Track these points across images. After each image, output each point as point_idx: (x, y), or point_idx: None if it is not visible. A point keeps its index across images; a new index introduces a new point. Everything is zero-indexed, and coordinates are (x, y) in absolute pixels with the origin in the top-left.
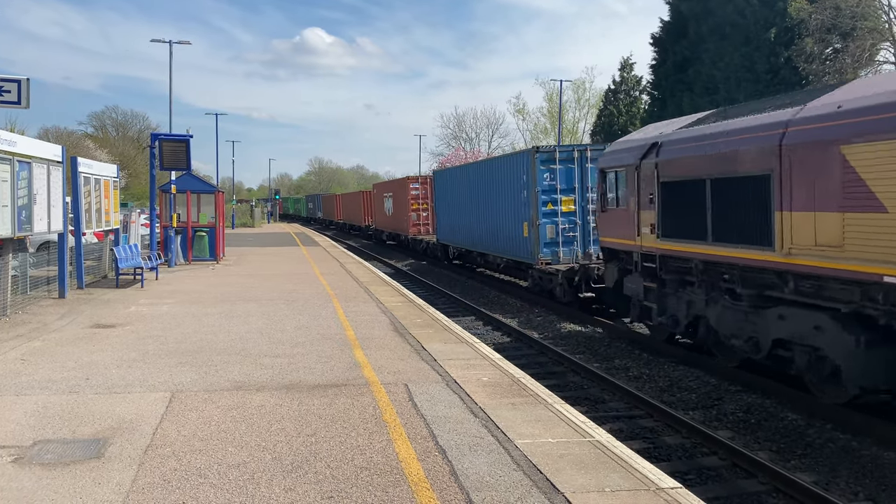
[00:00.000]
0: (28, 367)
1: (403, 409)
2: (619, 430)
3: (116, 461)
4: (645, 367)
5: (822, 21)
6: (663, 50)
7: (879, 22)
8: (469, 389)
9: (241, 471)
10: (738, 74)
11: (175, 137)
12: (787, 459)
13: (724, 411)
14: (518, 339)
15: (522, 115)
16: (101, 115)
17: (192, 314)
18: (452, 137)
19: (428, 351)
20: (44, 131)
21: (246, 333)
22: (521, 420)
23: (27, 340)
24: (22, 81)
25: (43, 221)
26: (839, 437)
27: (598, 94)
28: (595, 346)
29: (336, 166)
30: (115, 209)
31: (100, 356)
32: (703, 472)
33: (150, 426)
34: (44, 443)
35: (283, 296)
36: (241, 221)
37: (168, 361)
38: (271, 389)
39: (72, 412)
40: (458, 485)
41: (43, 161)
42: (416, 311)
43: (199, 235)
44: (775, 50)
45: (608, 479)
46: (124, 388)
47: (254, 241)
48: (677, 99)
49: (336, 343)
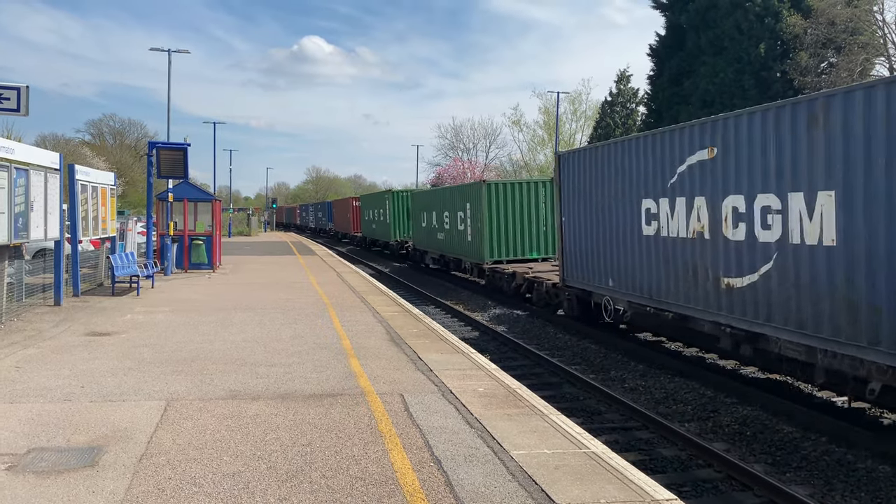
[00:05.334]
0: (23, 375)
1: (399, 419)
2: (614, 441)
3: (111, 469)
4: (641, 378)
5: (816, 35)
6: (660, 62)
7: (874, 37)
8: (465, 400)
9: (235, 480)
10: (732, 90)
11: (172, 146)
12: (783, 472)
13: (719, 423)
14: (502, 342)
15: (519, 126)
16: (98, 123)
17: (187, 323)
18: (450, 148)
19: (424, 361)
20: (41, 138)
21: (242, 342)
22: (516, 431)
23: (22, 348)
24: (21, 89)
25: (39, 229)
26: (834, 451)
27: (595, 106)
28: (591, 358)
29: (333, 175)
30: (111, 217)
31: (95, 364)
32: (699, 484)
33: (144, 434)
34: (38, 451)
35: (279, 304)
36: (238, 230)
37: (163, 370)
38: (267, 398)
39: (66, 420)
40: (453, 495)
41: (40, 168)
42: (413, 321)
43: (196, 244)
44: (767, 64)
45: (604, 491)
46: (119, 396)
47: (250, 249)
48: (674, 111)
49: (332, 352)
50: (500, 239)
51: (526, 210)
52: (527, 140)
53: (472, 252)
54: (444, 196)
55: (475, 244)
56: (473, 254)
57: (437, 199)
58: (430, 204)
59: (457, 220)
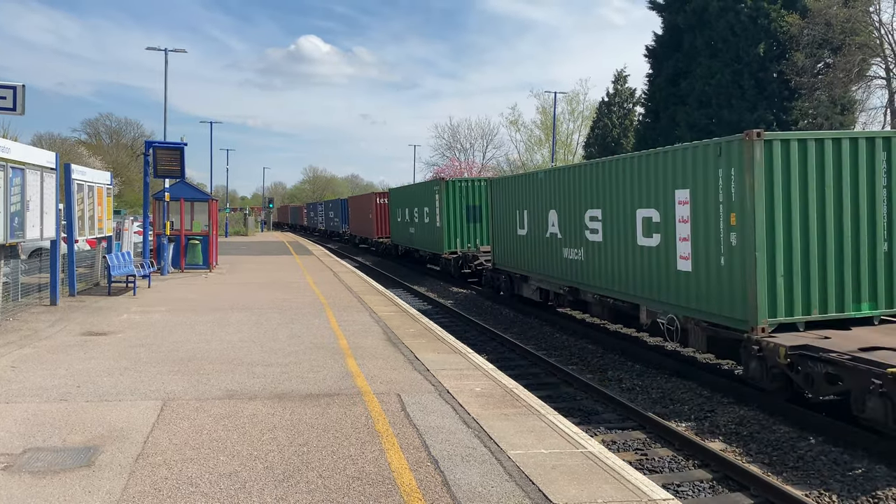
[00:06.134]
0: (19, 375)
1: (396, 419)
2: (611, 441)
3: (107, 469)
4: (638, 378)
5: (813, 36)
6: (658, 63)
7: (870, 38)
8: (462, 400)
9: (232, 480)
10: (729, 91)
11: (169, 145)
12: (779, 472)
13: (716, 423)
14: (501, 342)
15: (516, 127)
16: (95, 123)
17: (184, 322)
18: (447, 148)
19: (421, 361)
20: (37, 138)
21: (238, 342)
22: (513, 431)
23: (18, 347)
24: (18, 88)
25: (35, 228)
26: (831, 450)
27: (592, 107)
28: (588, 358)
29: (330, 175)
30: (108, 216)
31: (91, 364)
32: (696, 484)
33: (141, 434)
34: (34, 451)
35: (276, 304)
36: (235, 230)
37: (160, 369)
38: (263, 398)
39: (62, 420)
40: (450, 495)
41: (36, 168)
42: (410, 321)
43: (193, 243)
44: (764, 65)
45: (600, 491)
46: (115, 395)
47: (247, 249)
48: (671, 112)
49: (329, 352)
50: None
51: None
52: (524, 140)
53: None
54: (593, 175)
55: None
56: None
57: (575, 183)
58: (538, 196)
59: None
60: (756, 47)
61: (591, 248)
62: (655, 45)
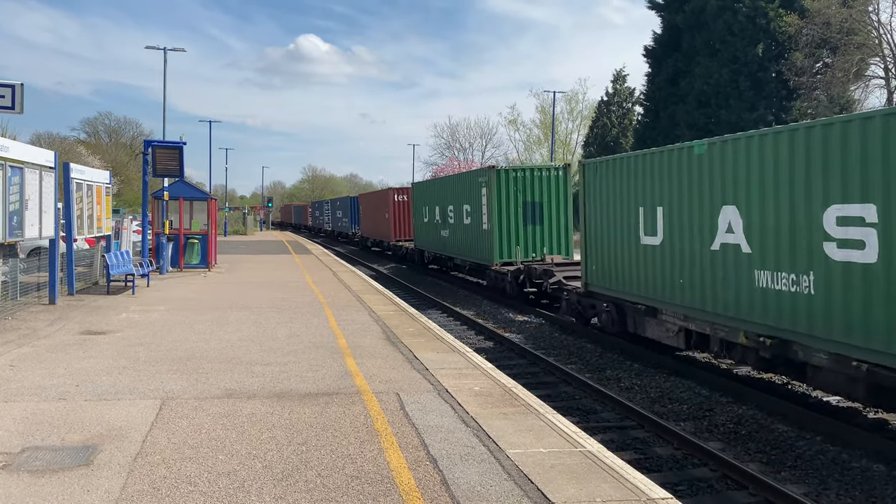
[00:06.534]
0: (17, 374)
1: (395, 418)
2: (610, 440)
3: (106, 468)
4: (636, 377)
5: (811, 36)
6: (657, 62)
7: (869, 37)
8: (461, 399)
9: (231, 479)
10: (727, 90)
11: (168, 144)
12: (778, 471)
13: (715, 422)
14: (499, 341)
15: (515, 126)
16: (93, 122)
17: (183, 321)
18: (446, 147)
19: (420, 360)
20: (36, 137)
21: (237, 341)
22: (512, 430)
23: (17, 346)
24: (16, 86)
25: (34, 227)
26: (829, 449)
27: (592, 106)
28: (587, 357)
29: (329, 174)
30: (106, 215)
31: (90, 363)
32: (694, 483)
33: (140, 434)
34: (32, 450)
35: (275, 304)
36: (234, 229)
37: (159, 368)
38: (262, 397)
39: (61, 419)
40: (448, 494)
41: (35, 166)
42: (409, 320)
43: (191, 243)
44: (763, 65)
45: (599, 490)
46: (114, 395)
47: (246, 248)
48: (670, 111)
49: (328, 351)
50: None
51: None
52: (523, 139)
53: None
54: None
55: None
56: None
57: (800, 158)
58: (696, 184)
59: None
60: (755, 47)
61: (836, 273)
62: (654, 44)
